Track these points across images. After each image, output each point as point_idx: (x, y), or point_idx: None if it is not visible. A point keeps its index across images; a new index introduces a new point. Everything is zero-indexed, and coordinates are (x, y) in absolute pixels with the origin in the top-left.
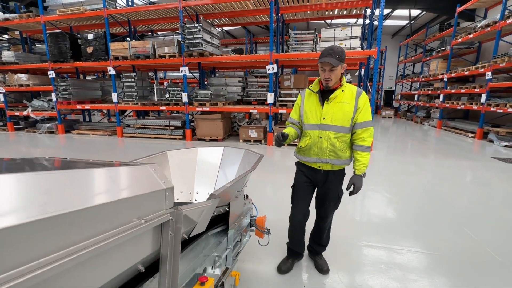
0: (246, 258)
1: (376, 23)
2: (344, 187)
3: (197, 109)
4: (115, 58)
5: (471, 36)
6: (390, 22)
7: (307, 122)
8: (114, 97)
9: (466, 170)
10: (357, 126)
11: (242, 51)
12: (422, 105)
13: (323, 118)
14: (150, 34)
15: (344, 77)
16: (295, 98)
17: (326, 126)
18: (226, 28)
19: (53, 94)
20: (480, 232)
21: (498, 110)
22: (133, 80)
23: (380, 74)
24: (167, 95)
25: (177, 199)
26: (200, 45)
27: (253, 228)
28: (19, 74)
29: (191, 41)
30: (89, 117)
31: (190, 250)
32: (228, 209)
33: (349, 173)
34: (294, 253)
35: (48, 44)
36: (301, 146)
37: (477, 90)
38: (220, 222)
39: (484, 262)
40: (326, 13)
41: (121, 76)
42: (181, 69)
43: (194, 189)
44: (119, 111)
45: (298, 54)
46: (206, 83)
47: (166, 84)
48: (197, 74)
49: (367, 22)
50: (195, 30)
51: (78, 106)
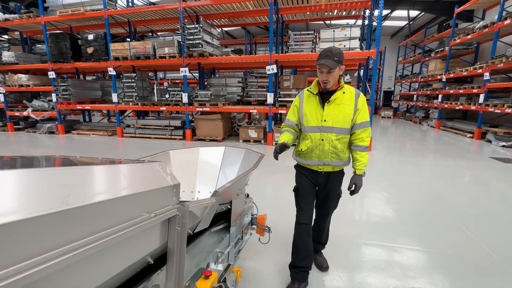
0: (247, 256)
1: (375, 24)
2: (343, 187)
3: (197, 109)
4: (116, 59)
5: (469, 37)
6: (389, 22)
7: (308, 124)
8: (114, 97)
9: (464, 170)
10: (356, 126)
11: (242, 52)
12: (421, 105)
13: (324, 120)
14: (150, 34)
15: (342, 78)
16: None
17: (328, 128)
18: (225, 28)
19: (53, 95)
20: (477, 230)
21: (496, 111)
22: (133, 80)
23: (379, 74)
24: (167, 96)
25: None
26: (200, 45)
27: (254, 226)
28: (19, 75)
29: (191, 41)
30: (89, 117)
31: (194, 245)
32: (230, 207)
33: (347, 173)
34: (300, 273)
35: (48, 44)
36: (301, 149)
37: (475, 91)
38: (222, 219)
39: (481, 260)
40: (326, 14)
41: (121, 76)
42: (181, 69)
43: (196, 188)
44: (119, 112)
45: (298, 55)
46: (206, 84)
47: (166, 84)
48: (197, 75)
49: (366, 23)
50: (195, 31)
51: (78, 107)
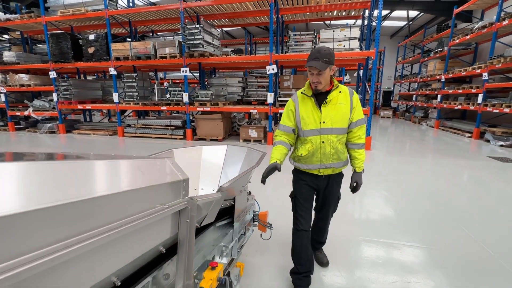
0: (250, 253)
1: (374, 24)
2: (343, 187)
3: (197, 109)
4: (116, 59)
5: (468, 37)
6: (388, 23)
7: (306, 128)
8: (115, 97)
9: (463, 169)
10: (352, 125)
11: (242, 52)
12: (420, 105)
13: (323, 122)
14: (151, 34)
15: (333, 78)
16: None
17: (328, 130)
18: (225, 28)
19: (54, 94)
20: (475, 228)
21: (495, 110)
22: (134, 80)
23: (378, 74)
24: (168, 95)
25: None
26: (201, 46)
27: (256, 222)
28: (20, 74)
29: (192, 42)
30: (89, 117)
31: (201, 238)
32: (233, 203)
33: (346, 174)
34: (302, 279)
35: (49, 44)
36: (301, 154)
37: (474, 91)
38: (226, 215)
39: (477, 256)
40: (325, 14)
41: (122, 76)
42: (182, 69)
43: (199, 185)
44: (120, 111)
45: (298, 55)
46: (206, 84)
47: (166, 84)
48: (197, 75)
49: (366, 23)
50: (196, 31)
51: (79, 106)
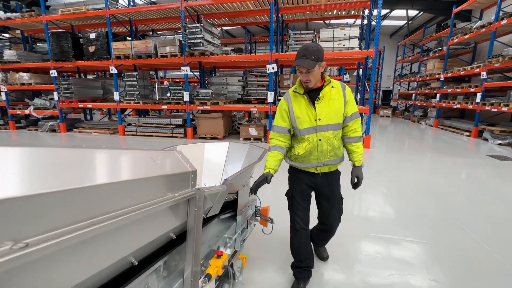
0: (251, 247)
1: (374, 24)
2: (342, 187)
3: (198, 107)
4: (117, 57)
5: (467, 36)
6: (388, 22)
7: (302, 127)
8: (116, 96)
9: (461, 167)
10: (347, 119)
11: (242, 51)
12: (419, 104)
13: (319, 119)
14: (151, 33)
15: (325, 73)
16: None
17: (324, 127)
18: (225, 27)
19: (55, 93)
20: (471, 224)
21: (493, 109)
22: (134, 79)
23: (378, 73)
24: (169, 94)
25: None
26: (201, 44)
27: (257, 217)
28: (21, 73)
29: (193, 41)
30: (90, 116)
31: (206, 229)
32: (236, 197)
33: (343, 170)
34: (304, 272)
35: (50, 43)
36: (298, 153)
37: (472, 90)
38: (229, 209)
39: (474, 251)
40: (325, 13)
41: (122, 75)
42: (182, 68)
43: (202, 181)
44: (121, 110)
45: None
46: (206, 82)
47: (166, 83)
48: (197, 73)
49: (365, 22)
50: (197, 30)
51: (80, 105)
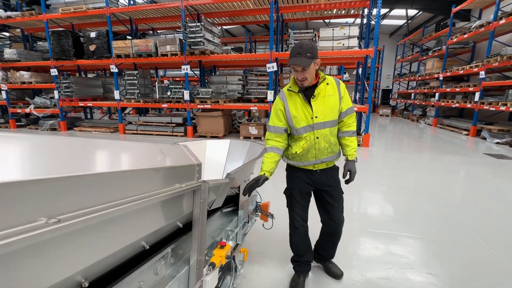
0: (252, 242)
1: (373, 23)
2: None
3: (198, 106)
4: (118, 56)
5: (466, 36)
6: (387, 21)
7: (299, 125)
8: (116, 94)
9: (459, 166)
10: (342, 115)
11: (242, 50)
12: (418, 103)
13: (315, 117)
14: (151, 32)
15: (320, 70)
16: None
17: (321, 124)
18: (225, 26)
19: (55, 92)
20: (468, 220)
21: (491, 108)
22: (135, 78)
23: (377, 73)
24: (169, 93)
25: None
26: (201, 43)
27: (258, 212)
28: (22, 72)
29: (193, 39)
30: (90, 114)
31: (210, 221)
32: (238, 192)
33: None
34: (303, 265)
35: (50, 42)
36: (296, 152)
37: (471, 89)
38: (231, 203)
39: (469, 245)
40: (325, 12)
41: (123, 74)
42: (182, 67)
43: (204, 178)
44: (121, 108)
45: None
46: (206, 81)
47: (166, 82)
48: (198, 72)
49: (365, 21)
50: (197, 29)
51: (81, 104)
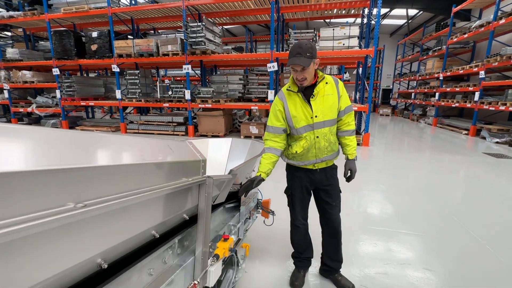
0: (253, 238)
1: (373, 23)
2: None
3: (199, 105)
4: (119, 56)
5: (466, 36)
6: (388, 21)
7: (299, 125)
8: (118, 94)
9: (459, 165)
10: (341, 113)
11: (242, 49)
12: (418, 103)
13: (316, 116)
14: (153, 32)
15: (319, 70)
16: None
17: (320, 124)
18: (226, 26)
19: (57, 91)
20: (466, 219)
21: (491, 108)
22: (136, 77)
23: (378, 72)
24: (170, 92)
25: None
26: (203, 43)
27: (259, 209)
28: (24, 71)
29: (194, 39)
30: (92, 114)
31: (213, 215)
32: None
33: (339, 165)
34: (303, 261)
35: (52, 41)
36: (296, 152)
37: (471, 89)
38: (233, 199)
39: (467, 242)
40: (326, 12)
41: (124, 73)
42: (184, 66)
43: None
44: (122, 108)
45: None
46: (207, 81)
47: (167, 81)
48: (199, 72)
49: (365, 21)
50: (198, 29)
51: (82, 103)
